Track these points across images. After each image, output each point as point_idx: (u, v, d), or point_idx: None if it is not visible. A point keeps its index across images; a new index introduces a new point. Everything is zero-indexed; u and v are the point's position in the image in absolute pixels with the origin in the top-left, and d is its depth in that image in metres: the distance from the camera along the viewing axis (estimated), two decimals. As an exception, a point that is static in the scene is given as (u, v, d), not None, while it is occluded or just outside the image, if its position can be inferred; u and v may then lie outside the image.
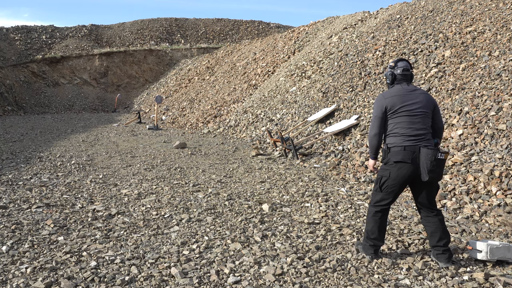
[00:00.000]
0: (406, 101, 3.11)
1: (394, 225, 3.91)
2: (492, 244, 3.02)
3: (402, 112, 3.09)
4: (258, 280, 2.84)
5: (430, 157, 2.91)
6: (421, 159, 2.95)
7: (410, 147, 2.99)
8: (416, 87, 3.25)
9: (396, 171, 3.03)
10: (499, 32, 7.37)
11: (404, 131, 3.05)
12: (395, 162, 3.04)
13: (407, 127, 3.05)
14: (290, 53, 15.84)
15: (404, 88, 3.18)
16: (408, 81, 3.25)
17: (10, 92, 20.08)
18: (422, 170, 2.94)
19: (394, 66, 3.28)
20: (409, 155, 2.98)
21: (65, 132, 12.08)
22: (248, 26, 29.78)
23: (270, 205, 4.48)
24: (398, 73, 3.23)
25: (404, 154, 2.99)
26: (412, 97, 3.13)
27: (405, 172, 3.00)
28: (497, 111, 5.22)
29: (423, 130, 3.05)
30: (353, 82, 8.99)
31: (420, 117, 3.08)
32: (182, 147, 8.93)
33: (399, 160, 3.00)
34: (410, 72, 3.26)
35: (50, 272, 2.91)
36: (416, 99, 3.12)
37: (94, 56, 25.17)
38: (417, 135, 3.03)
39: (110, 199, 4.80)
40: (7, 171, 6.24)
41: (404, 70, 3.22)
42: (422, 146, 2.98)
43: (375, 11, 14.64)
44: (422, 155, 2.95)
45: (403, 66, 3.23)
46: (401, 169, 3.01)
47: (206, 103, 15.62)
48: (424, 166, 2.93)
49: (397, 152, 3.02)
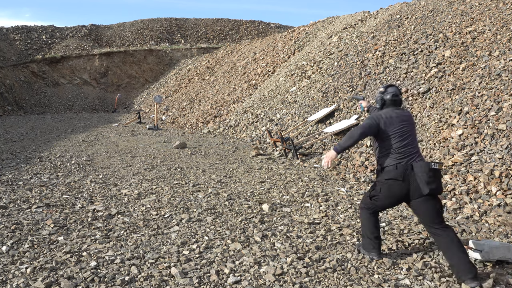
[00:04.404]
0: (398, 123, 3.18)
1: (394, 225, 3.91)
2: (492, 244, 3.02)
3: (394, 134, 3.14)
4: (258, 280, 2.84)
5: (425, 169, 2.94)
6: (417, 174, 2.96)
7: (401, 165, 3.02)
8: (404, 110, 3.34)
9: (387, 187, 3.07)
10: (499, 32, 7.37)
11: (396, 151, 3.10)
12: (386, 179, 3.08)
13: (399, 147, 3.10)
14: (290, 53, 15.84)
15: (395, 111, 3.25)
16: (397, 106, 3.32)
17: (10, 92, 20.07)
18: (421, 184, 2.93)
19: (384, 91, 3.36)
20: (400, 173, 3.00)
21: (65, 132, 12.08)
22: (248, 26, 29.77)
23: (270, 205, 4.48)
24: (388, 98, 3.32)
25: (395, 172, 3.02)
26: (403, 118, 3.22)
27: (396, 189, 3.03)
28: (497, 111, 5.22)
29: (413, 148, 3.12)
30: (353, 82, 8.99)
31: (409, 137, 3.16)
32: (182, 147, 8.93)
33: (391, 177, 3.04)
34: (399, 97, 3.35)
35: (50, 272, 2.91)
36: (405, 121, 3.21)
37: (94, 56, 25.16)
38: (408, 154, 3.08)
39: (110, 199, 4.80)
40: (7, 171, 6.24)
41: (394, 95, 3.31)
42: (414, 162, 3.02)
43: (375, 11, 14.63)
44: (417, 169, 2.97)
45: (392, 92, 3.32)
46: (392, 186, 3.04)
47: (206, 103, 15.62)
48: (422, 179, 2.93)
49: (389, 170, 3.07)
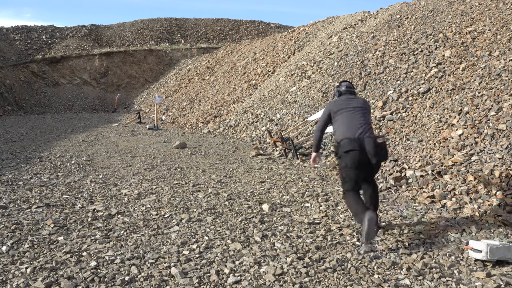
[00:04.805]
0: (347, 104, 3.79)
1: (394, 225, 3.91)
2: (492, 244, 3.02)
3: (344, 112, 3.74)
4: (258, 280, 2.84)
5: (372, 144, 3.53)
6: (366, 148, 3.53)
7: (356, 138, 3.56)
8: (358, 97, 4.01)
9: (349, 159, 3.57)
10: (499, 32, 7.37)
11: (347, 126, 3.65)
12: (345, 152, 3.57)
13: (350, 123, 3.66)
14: (290, 53, 15.84)
15: (347, 97, 3.89)
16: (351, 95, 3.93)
17: (10, 92, 20.07)
18: (370, 156, 3.53)
19: (339, 85, 4.07)
20: (356, 143, 3.54)
21: (65, 132, 12.08)
22: (248, 26, 29.76)
23: (270, 205, 4.48)
24: (343, 90, 3.99)
25: (352, 144, 3.54)
26: (353, 102, 3.81)
27: (356, 157, 3.54)
28: (497, 111, 5.22)
29: (364, 124, 3.66)
30: (353, 82, 8.99)
31: (359, 114, 3.71)
32: (182, 147, 8.93)
33: (350, 149, 3.54)
34: (352, 89, 4.00)
35: (50, 272, 2.91)
36: (356, 104, 3.80)
37: (94, 56, 25.14)
38: (359, 127, 3.62)
39: (110, 199, 4.80)
40: (7, 171, 6.25)
41: (347, 87, 4.00)
42: (365, 137, 3.57)
43: (375, 11, 14.63)
44: (366, 143, 3.54)
45: (345, 85, 4.03)
46: (352, 155, 3.55)
47: (206, 103, 15.62)
48: (371, 152, 3.52)
49: (347, 143, 3.57)
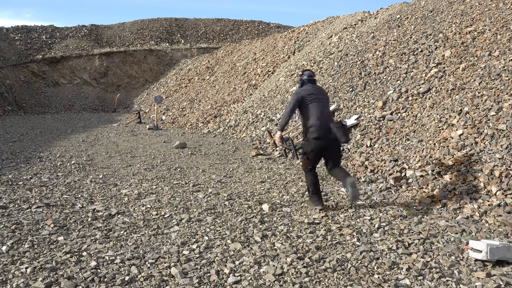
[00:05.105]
0: (315, 93, 4.43)
1: (394, 225, 3.91)
2: (492, 244, 3.02)
3: (313, 101, 4.35)
4: (258, 280, 2.84)
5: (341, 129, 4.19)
6: (332, 132, 4.20)
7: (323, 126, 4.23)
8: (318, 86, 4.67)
9: (315, 145, 4.28)
10: (499, 32, 7.38)
11: (316, 115, 4.28)
12: (313, 138, 4.26)
13: (318, 112, 4.30)
14: (290, 53, 15.84)
15: (312, 86, 4.54)
16: (313, 83, 4.60)
17: (10, 92, 20.07)
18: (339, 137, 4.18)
19: (302, 74, 4.65)
20: (322, 132, 4.22)
21: (65, 132, 12.08)
22: (248, 26, 29.76)
23: (270, 205, 4.48)
24: (305, 78, 4.59)
25: (319, 132, 4.23)
26: (318, 91, 4.52)
27: (320, 144, 4.26)
28: (497, 111, 5.22)
29: (329, 113, 4.45)
30: (353, 82, 8.99)
31: (325, 103, 4.46)
32: (182, 147, 8.93)
33: (316, 137, 4.24)
34: (313, 78, 4.61)
35: (50, 272, 2.91)
36: (320, 93, 4.51)
37: (94, 56, 25.14)
38: (326, 116, 4.34)
39: (110, 199, 4.80)
40: (7, 171, 6.25)
41: (309, 76, 4.60)
42: (332, 125, 4.25)
43: (375, 11, 14.63)
44: (336, 130, 4.20)
45: (308, 74, 4.62)
46: (318, 142, 4.26)
47: (206, 103, 15.62)
48: (337, 135, 4.19)
49: (314, 131, 4.25)
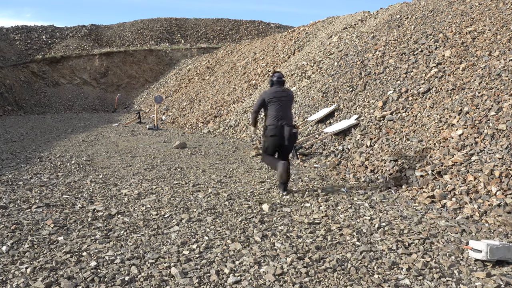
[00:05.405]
0: (277, 96, 5.04)
1: (394, 225, 3.91)
2: (492, 244, 3.02)
3: (274, 103, 5.01)
4: (258, 280, 2.84)
5: (288, 132, 4.93)
6: (284, 133, 4.93)
7: (278, 126, 4.95)
8: (285, 88, 5.22)
9: (271, 141, 5.05)
10: (499, 32, 7.38)
11: (274, 115, 4.99)
12: (270, 136, 5.03)
13: (277, 113, 4.99)
14: (290, 53, 15.84)
15: (277, 88, 5.13)
16: (281, 85, 5.18)
17: (10, 92, 20.06)
18: (285, 139, 4.94)
19: (272, 75, 5.22)
20: (277, 131, 4.95)
21: (65, 132, 12.08)
22: (248, 26, 29.75)
23: (270, 205, 4.48)
24: (274, 80, 5.18)
25: (275, 130, 4.97)
26: (281, 93, 5.08)
27: (275, 141, 5.02)
28: (497, 111, 5.22)
29: (286, 114, 5.04)
30: (353, 82, 8.99)
31: (285, 105, 5.05)
32: (182, 147, 8.93)
33: (272, 134, 5.00)
34: (282, 79, 5.18)
35: (50, 272, 2.91)
36: (283, 95, 5.08)
37: (94, 56, 25.13)
38: (282, 117, 4.98)
39: (110, 199, 4.80)
40: (7, 171, 6.25)
41: (278, 78, 5.17)
42: (285, 125, 4.95)
43: (375, 11, 14.63)
44: (285, 130, 4.93)
45: (277, 76, 5.19)
46: (274, 139, 5.02)
47: (206, 103, 15.62)
48: (286, 137, 4.94)
49: (271, 129, 5.00)
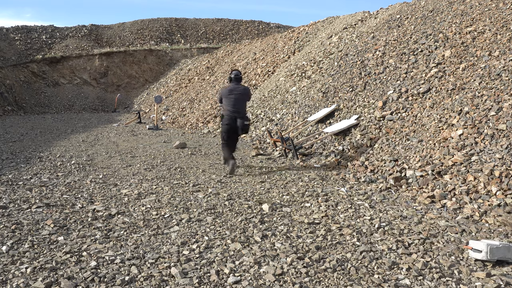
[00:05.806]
0: (232, 91, 6.17)
1: (394, 225, 3.91)
2: (492, 244, 3.02)
3: (229, 97, 6.14)
4: (258, 280, 2.84)
5: (241, 123, 6.14)
6: (238, 124, 6.12)
7: (232, 117, 6.13)
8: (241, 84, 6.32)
9: (226, 128, 6.22)
10: (499, 32, 7.38)
11: (229, 108, 6.15)
12: (224, 124, 6.22)
13: (231, 105, 6.14)
14: (290, 53, 15.84)
15: (234, 85, 6.25)
16: (238, 81, 6.29)
17: (10, 92, 20.06)
18: (239, 129, 6.16)
19: (231, 73, 6.26)
20: (231, 121, 6.14)
21: (65, 132, 12.08)
22: (248, 26, 29.75)
23: (270, 205, 4.48)
24: (232, 76, 6.26)
25: (229, 120, 6.16)
26: (238, 90, 6.20)
27: (229, 128, 6.19)
28: (497, 111, 5.22)
29: (239, 108, 6.18)
30: (353, 82, 8.99)
31: (238, 100, 6.16)
32: (182, 147, 8.93)
33: (226, 123, 6.19)
34: (239, 76, 6.27)
35: (50, 272, 2.91)
36: (238, 91, 6.18)
37: (94, 56, 25.13)
38: (235, 110, 6.14)
39: (110, 199, 4.80)
40: (7, 171, 6.25)
41: (235, 75, 6.24)
42: (238, 118, 6.14)
43: (375, 11, 14.63)
44: (238, 122, 6.12)
45: (235, 73, 6.26)
46: (227, 127, 6.19)
47: (206, 103, 15.62)
48: (239, 127, 6.15)
49: (226, 119, 6.19)
